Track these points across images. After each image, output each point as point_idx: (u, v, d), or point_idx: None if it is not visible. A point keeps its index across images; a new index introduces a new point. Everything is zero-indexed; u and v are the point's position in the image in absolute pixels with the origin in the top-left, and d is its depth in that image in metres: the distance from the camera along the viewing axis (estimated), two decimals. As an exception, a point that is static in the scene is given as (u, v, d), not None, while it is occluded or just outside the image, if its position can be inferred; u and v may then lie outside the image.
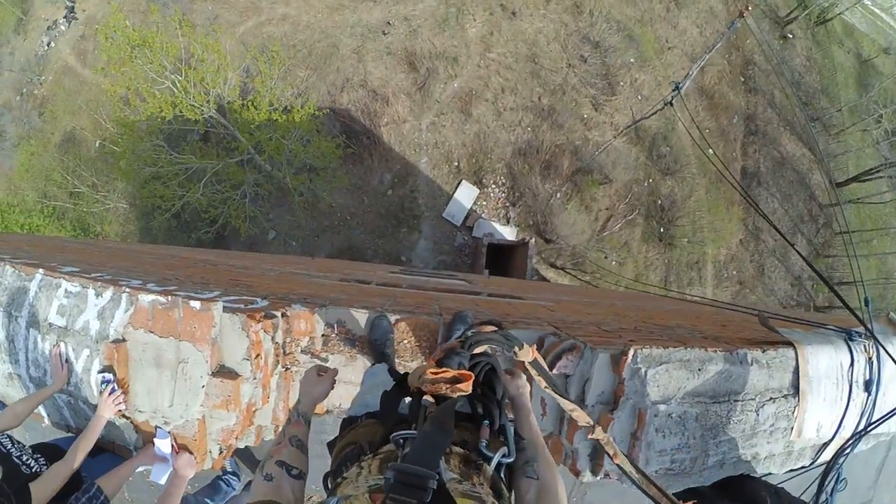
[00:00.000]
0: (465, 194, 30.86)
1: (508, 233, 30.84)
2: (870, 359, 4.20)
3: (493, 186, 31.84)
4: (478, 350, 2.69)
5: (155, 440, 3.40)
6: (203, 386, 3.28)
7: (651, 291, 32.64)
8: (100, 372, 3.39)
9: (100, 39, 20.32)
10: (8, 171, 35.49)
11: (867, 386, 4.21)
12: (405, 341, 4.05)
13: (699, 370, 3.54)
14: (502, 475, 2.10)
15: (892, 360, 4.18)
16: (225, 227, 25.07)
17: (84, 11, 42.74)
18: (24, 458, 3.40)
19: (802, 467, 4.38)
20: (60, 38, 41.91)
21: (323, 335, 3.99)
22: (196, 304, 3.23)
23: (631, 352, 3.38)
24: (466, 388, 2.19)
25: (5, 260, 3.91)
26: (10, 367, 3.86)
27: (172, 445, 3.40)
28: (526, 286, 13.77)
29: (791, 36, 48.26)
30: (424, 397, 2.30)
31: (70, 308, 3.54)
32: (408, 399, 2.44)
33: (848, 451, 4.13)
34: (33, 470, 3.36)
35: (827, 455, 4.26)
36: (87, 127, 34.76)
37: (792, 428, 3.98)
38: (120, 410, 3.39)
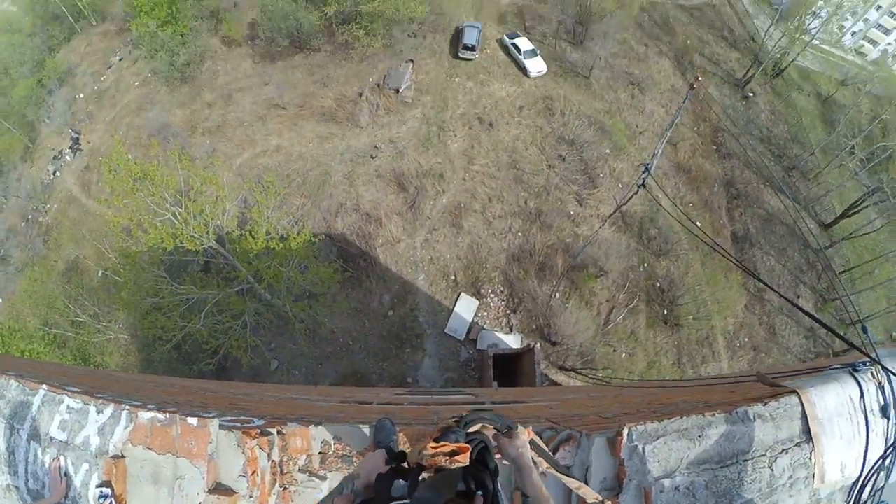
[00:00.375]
0: (465, 307, 30.90)
1: (512, 341, 30.56)
2: (881, 384, 4.11)
3: (492, 295, 31.98)
4: (472, 429, 2.74)
5: None
6: (200, 503, 3.29)
7: (663, 377, 32.32)
8: (98, 487, 3.43)
9: (103, 171, 21.05)
10: (11, 295, 36.05)
11: (884, 411, 4.09)
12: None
13: (699, 437, 3.49)
14: None
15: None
16: (226, 358, 25.03)
17: (89, 143, 45.26)
18: None
19: (839, 511, 4.15)
20: (66, 167, 44.42)
21: (320, 452, 3.98)
22: (193, 421, 3.34)
23: (625, 431, 3.36)
24: (464, 459, 2.24)
25: (10, 375, 4.04)
26: (8, 478, 3.90)
27: None
28: (531, 391, 13.68)
29: (752, 94, 50.55)
30: (423, 473, 2.34)
31: (71, 423, 3.65)
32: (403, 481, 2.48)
33: (881, 483, 3.95)
34: None
35: (865, 493, 4.05)
36: (90, 256, 35.60)
37: (813, 475, 3.83)
38: None
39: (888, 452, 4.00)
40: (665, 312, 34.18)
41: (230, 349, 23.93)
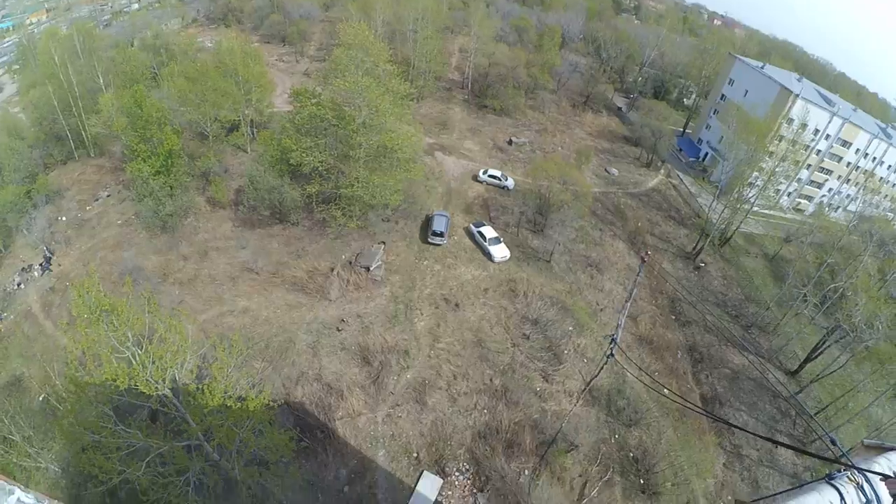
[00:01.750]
0: (428, 486, 30.11)
1: (480, 521, 29.49)
2: (859, 485, 4.45)
3: (457, 474, 31.42)
4: None
5: None
6: None
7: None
8: None
9: (72, 295, 20.70)
10: (-56, 395, 33.33)
11: (867, 508, 4.34)
12: None
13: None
14: None
15: (875, 474, 4.46)
16: None
17: (59, 266, 46.75)
18: None
19: None
20: (31, 283, 45.36)
21: None
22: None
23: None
24: None
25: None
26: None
27: None
28: None
29: (703, 264, 54.07)
30: None
31: (21, 519, 3.82)
32: None
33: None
34: None
35: None
36: (35, 376, 34.84)
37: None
38: None
39: None
40: (641, 482, 33.38)
41: (169, 505, 22.39)
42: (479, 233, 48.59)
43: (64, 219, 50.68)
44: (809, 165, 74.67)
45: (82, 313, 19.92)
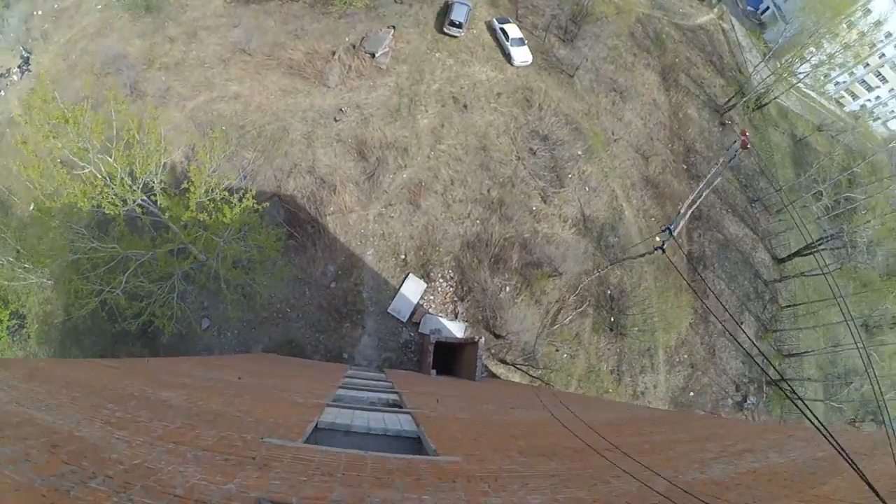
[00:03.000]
0: (412, 288, 30.14)
1: (456, 328, 29.96)
2: None
3: (441, 280, 31.22)
4: None
5: None
6: None
7: (601, 384, 32.44)
8: None
9: (21, 112, 18.30)
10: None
11: None
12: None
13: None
14: None
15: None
16: (150, 322, 22.73)
17: (39, 63, 42.42)
18: None
19: None
20: (11, 88, 41.57)
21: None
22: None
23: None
24: None
25: None
26: None
27: None
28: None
29: (729, 122, 50.88)
30: None
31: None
32: None
33: None
34: None
35: None
36: (18, 191, 33.02)
37: None
38: None
39: None
40: (612, 320, 34.26)
41: (153, 317, 21.62)
42: (502, 30, 43.53)
43: (39, 12, 44.27)
44: (867, 64, 69.09)
45: (29, 136, 17.40)
